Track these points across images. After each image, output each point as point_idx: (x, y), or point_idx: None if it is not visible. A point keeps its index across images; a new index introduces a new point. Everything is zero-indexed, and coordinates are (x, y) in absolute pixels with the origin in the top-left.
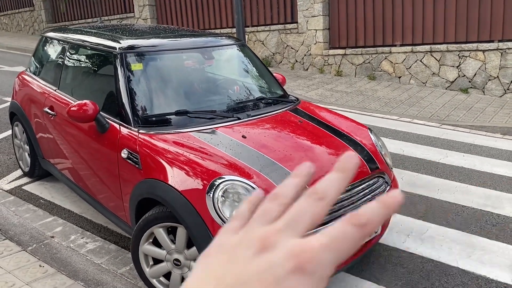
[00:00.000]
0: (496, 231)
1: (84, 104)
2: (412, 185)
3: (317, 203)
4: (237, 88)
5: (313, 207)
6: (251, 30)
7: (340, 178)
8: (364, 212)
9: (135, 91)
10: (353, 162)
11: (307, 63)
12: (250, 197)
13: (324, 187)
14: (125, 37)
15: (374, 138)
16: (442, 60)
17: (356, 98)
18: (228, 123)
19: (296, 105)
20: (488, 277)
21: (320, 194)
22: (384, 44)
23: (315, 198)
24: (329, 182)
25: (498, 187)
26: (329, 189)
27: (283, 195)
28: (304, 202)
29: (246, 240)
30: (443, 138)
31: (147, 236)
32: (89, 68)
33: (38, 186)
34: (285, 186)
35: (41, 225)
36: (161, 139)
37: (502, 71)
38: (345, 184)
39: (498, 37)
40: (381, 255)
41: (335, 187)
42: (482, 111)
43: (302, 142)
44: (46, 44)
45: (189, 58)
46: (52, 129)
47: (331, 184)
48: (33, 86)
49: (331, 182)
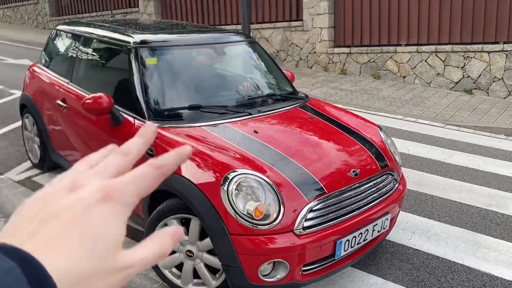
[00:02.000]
0: (500, 230)
1: (99, 97)
2: (418, 183)
3: (122, 157)
4: (247, 84)
5: (119, 160)
6: (256, 27)
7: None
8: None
9: (150, 85)
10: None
11: (312, 61)
12: None
13: (127, 146)
14: (139, 32)
15: (384, 136)
16: (447, 61)
17: (360, 97)
18: (240, 119)
19: (306, 102)
20: (493, 274)
21: (124, 151)
22: (389, 43)
23: (120, 154)
24: (132, 143)
25: (502, 187)
26: (132, 147)
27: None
28: (111, 157)
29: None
30: (448, 138)
31: (161, 227)
32: (103, 62)
33: (48, 178)
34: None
35: None
36: (176, 132)
37: (507, 73)
38: (146, 146)
39: (503, 39)
40: (387, 251)
41: (138, 147)
42: (486, 112)
43: (312, 138)
44: (58, 37)
45: (202, 53)
46: (63, 122)
47: (134, 145)
48: (44, 79)
49: (134, 143)
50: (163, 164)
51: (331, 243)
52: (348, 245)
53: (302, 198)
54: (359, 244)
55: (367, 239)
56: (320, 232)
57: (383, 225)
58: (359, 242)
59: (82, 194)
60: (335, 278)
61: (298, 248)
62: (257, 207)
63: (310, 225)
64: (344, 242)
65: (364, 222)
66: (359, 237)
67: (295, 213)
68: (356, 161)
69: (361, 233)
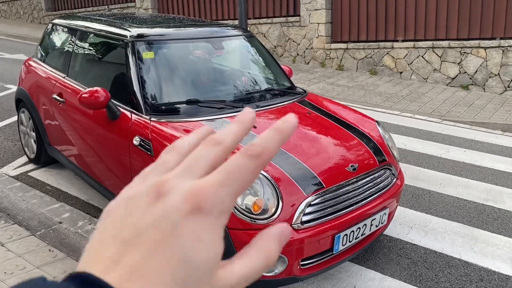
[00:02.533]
0: (497, 225)
1: (95, 91)
2: (415, 178)
3: (214, 147)
4: (245, 79)
5: (210, 152)
6: (253, 22)
7: (238, 127)
8: (259, 142)
9: (146, 79)
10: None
11: (309, 57)
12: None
13: (221, 133)
14: (136, 26)
15: (382, 131)
16: (444, 56)
17: (357, 93)
18: (238, 113)
19: (304, 97)
20: (490, 269)
21: (217, 139)
22: (386, 39)
23: (212, 144)
24: (227, 130)
25: (499, 182)
26: (227, 135)
27: (180, 146)
28: (201, 148)
29: (141, 190)
30: (444, 133)
31: None
32: (99, 56)
33: (44, 172)
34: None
35: (48, 211)
36: (173, 127)
37: (503, 69)
38: (243, 133)
39: (500, 35)
40: (385, 246)
41: (233, 134)
42: (483, 108)
43: (310, 133)
44: (54, 31)
45: (199, 47)
46: (60, 116)
47: (228, 131)
48: (40, 73)
49: (229, 130)
50: (262, 150)
51: (329, 238)
52: (346, 240)
53: (301, 192)
54: (357, 238)
55: (365, 234)
56: (318, 226)
57: (381, 219)
58: (357, 236)
59: (169, 205)
60: (333, 273)
61: (296, 242)
62: (256, 201)
63: (308, 219)
64: (342, 237)
65: (362, 217)
66: (357, 231)
67: (293, 207)
68: (354, 156)
69: (359, 228)
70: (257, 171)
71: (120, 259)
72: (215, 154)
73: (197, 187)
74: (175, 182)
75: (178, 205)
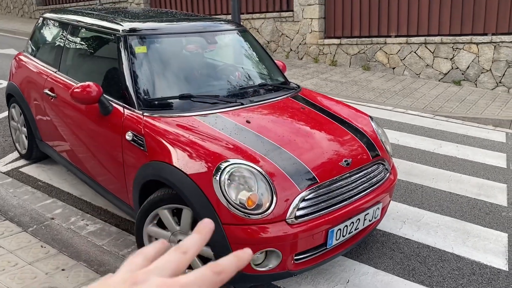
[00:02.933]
0: (489, 219)
1: (87, 85)
2: (408, 173)
3: (181, 255)
4: (238, 74)
5: (178, 258)
6: (246, 17)
7: (199, 238)
8: (222, 262)
9: (139, 74)
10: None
11: (302, 52)
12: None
13: (187, 243)
14: (128, 20)
15: (375, 126)
16: (436, 52)
17: (350, 88)
18: (232, 108)
19: (298, 92)
20: (483, 262)
21: (184, 249)
22: (379, 34)
23: (180, 252)
24: (191, 240)
25: (490, 177)
26: (192, 246)
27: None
28: (172, 253)
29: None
30: (437, 129)
31: (152, 217)
32: (91, 50)
33: (36, 168)
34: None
35: (40, 207)
36: (166, 122)
37: (495, 64)
38: (203, 243)
39: (491, 30)
40: (378, 240)
41: (196, 245)
42: (475, 103)
43: (304, 128)
44: (45, 26)
45: (192, 42)
46: (51, 111)
47: (193, 242)
48: (31, 68)
49: (193, 240)
50: (222, 270)
51: (323, 232)
52: (340, 234)
53: (295, 187)
54: (350, 233)
55: (359, 228)
56: (312, 221)
57: (374, 214)
58: (351, 231)
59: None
60: (327, 267)
61: (290, 237)
62: (250, 196)
63: (302, 214)
64: (336, 231)
65: (356, 211)
66: (350, 226)
67: (287, 202)
68: (347, 151)
69: (352, 222)
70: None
71: None
72: (181, 260)
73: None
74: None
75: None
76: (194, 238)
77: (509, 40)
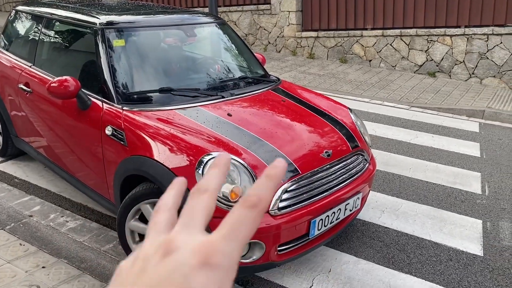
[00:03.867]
0: (465, 207)
1: (65, 80)
2: (385, 164)
3: (202, 196)
4: (218, 66)
5: (200, 201)
6: (223, 10)
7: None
8: (254, 191)
9: (117, 68)
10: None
11: (280, 45)
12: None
13: (204, 181)
14: (104, 13)
15: (354, 117)
16: (411, 44)
17: (328, 81)
18: (213, 102)
19: (278, 84)
20: (459, 249)
21: (202, 188)
22: (355, 27)
23: (199, 193)
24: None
25: (465, 165)
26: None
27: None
28: (191, 201)
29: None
30: (413, 120)
31: (134, 212)
32: (68, 44)
33: (12, 165)
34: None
35: (18, 204)
36: (146, 116)
37: (468, 56)
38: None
39: (464, 23)
40: (358, 230)
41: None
42: (449, 94)
43: (285, 121)
44: (18, 19)
45: (171, 35)
46: (27, 107)
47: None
48: (5, 62)
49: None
50: (257, 200)
51: (305, 223)
52: (321, 224)
53: None
54: (332, 223)
55: (340, 218)
56: (295, 212)
57: (355, 204)
58: (332, 221)
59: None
60: (309, 257)
61: (273, 228)
62: (233, 189)
63: (284, 205)
64: (318, 222)
65: (337, 202)
66: (332, 216)
67: None
68: (327, 142)
69: (333, 212)
70: (257, 219)
71: None
72: (205, 201)
73: (205, 242)
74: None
75: (188, 259)
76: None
77: (481, 32)
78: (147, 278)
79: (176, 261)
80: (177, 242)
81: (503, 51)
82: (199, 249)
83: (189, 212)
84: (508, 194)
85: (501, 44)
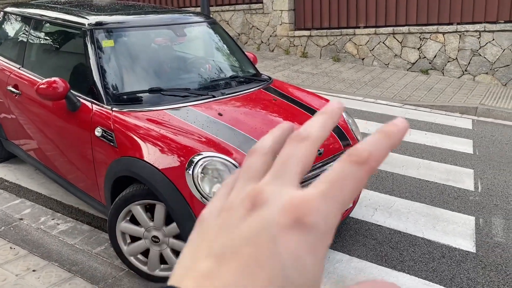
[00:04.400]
0: (457, 204)
1: (53, 81)
2: None
3: (300, 143)
4: (209, 66)
5: (298, 149)
6: (216, 9)
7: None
8: (364, 146)
9: (107, 69)
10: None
11: (273, 44)
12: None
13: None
14: (94, 13)
15: (346, 116)
16: (404, 42)
17: (321, 80)
18: (203, 101)
19: (269, 83)
20: (452, 245)
21: (302, 134)
22: (348, 25)
23: (298, 140)
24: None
25: (458, 163)
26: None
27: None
28: (287, 148)
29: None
30: (406, 117)
31: (125, 214)
32: (57, 45)
33: (2, 168)
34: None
35: (8, 208)
36: (136, 117)
37: (460, 53)
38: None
39: (457, 20)
40: (351, 228)
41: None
42: (442, 92)
43: (277, 120)
44: (7, 20)
45: (161, 35)
46: (16, 109)
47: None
48: None
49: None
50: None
51: None
52: None
53: None
54: None
55: None
56: None
57: None
58: None
59: (266, 217)
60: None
61: None
62: None
63: None
64: None
65: None
66: None
67: None
68: None
69: None
70: (364, 179)
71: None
72: (303, 150)
73: (299, 198)
74: (272, 191)
75: (277, 217)
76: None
77: (473, 29)
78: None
79: (263, 218)
80: (266, 193)
81: (495, 48)
82: (290, 206)
83: (284, 160)
84: (500, 191)
85: (493, 41)
